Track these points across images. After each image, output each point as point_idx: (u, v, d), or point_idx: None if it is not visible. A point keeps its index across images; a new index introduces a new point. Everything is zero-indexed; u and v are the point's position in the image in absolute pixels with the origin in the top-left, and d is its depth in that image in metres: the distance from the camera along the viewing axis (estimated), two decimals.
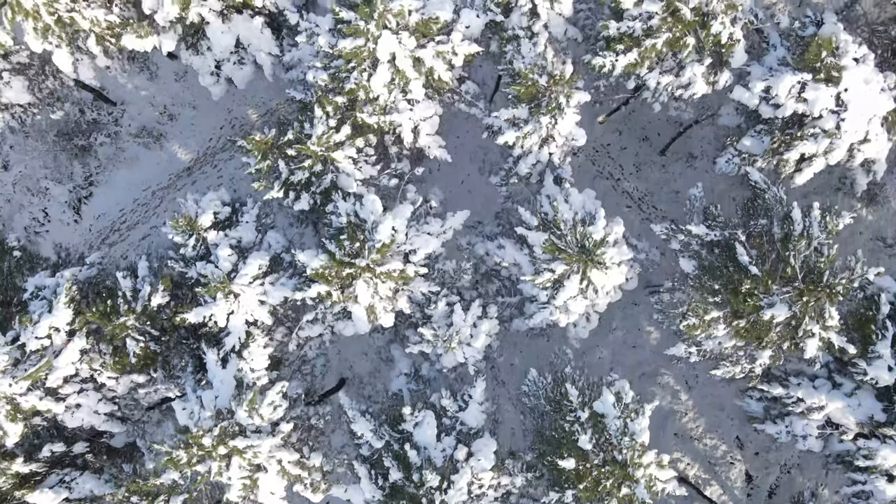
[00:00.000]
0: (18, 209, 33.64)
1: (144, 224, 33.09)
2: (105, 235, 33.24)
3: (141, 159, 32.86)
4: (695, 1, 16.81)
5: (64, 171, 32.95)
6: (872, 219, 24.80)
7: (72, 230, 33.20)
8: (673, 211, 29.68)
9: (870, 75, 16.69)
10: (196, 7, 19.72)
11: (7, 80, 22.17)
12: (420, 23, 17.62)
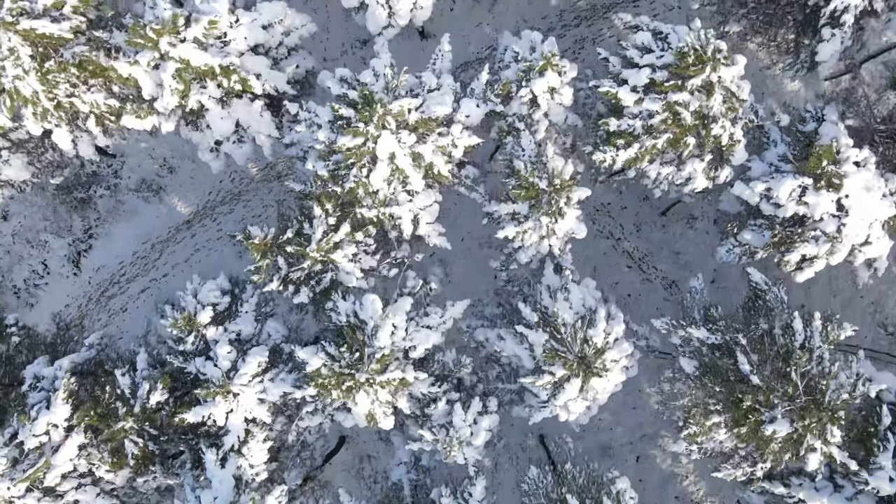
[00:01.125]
0: (18, 261, 33.59)
1: (144, 277, 33.05)
2: (104, 288, 33.19)
3: (140, 212, 32.82)
4: (695, 104, 16.76)
5: (63, 224, 32.90)
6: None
7: (71, 283, 33.15)
8: (673, 272, 29.65)
9: (871, 181, 16.65)
10: (195, 95, 19.67)
11: (6, 159, 22.11)
12: (420, 121, 17.57)
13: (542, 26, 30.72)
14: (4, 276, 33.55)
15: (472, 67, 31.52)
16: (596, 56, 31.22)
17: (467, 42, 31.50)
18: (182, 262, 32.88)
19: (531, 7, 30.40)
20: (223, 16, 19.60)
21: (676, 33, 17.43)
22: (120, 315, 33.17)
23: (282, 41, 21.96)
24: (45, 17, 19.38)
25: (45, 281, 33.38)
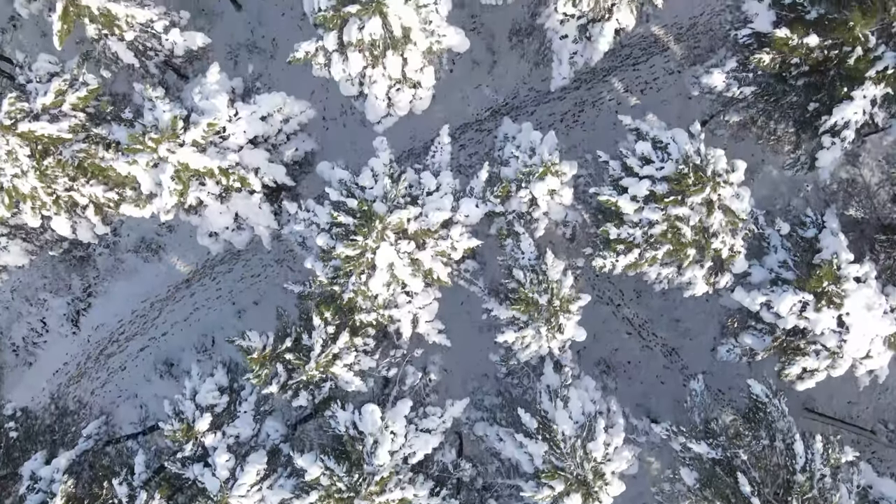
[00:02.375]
0: (17, 318, 33.55)
1: (143, 335, 33.00)
2: (103, 346, 33.15)
3: (140, 271, 32.74)
4: (695, 219, 16.73)
5: (62, 282, 32.85)
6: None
7: (70, 341, 33.11)
8: (673, 339, 29.60)
9: (872, 298, 16.63)
10: (194, 192, 19.64)
11: (4, 245, 22.05)
12: (419, 231, 17.54)
13: (542, 88, 30.68)
14: (3, 333, 33.52)
15: (472, 128, 31.51)
16: (594, 120, 31.37)
17: (467, 104, 31.47)
18: (181, 320, 32.84)
19: (531, 71, 30.35)
20: (222, 112, 19.56)
21: (676, 143, 17.38)
22: (119, 374, 33.14)
23: (281, 128, 21.93)
24: (45, 116, 19.38)
25: (43, 339, 33.36)
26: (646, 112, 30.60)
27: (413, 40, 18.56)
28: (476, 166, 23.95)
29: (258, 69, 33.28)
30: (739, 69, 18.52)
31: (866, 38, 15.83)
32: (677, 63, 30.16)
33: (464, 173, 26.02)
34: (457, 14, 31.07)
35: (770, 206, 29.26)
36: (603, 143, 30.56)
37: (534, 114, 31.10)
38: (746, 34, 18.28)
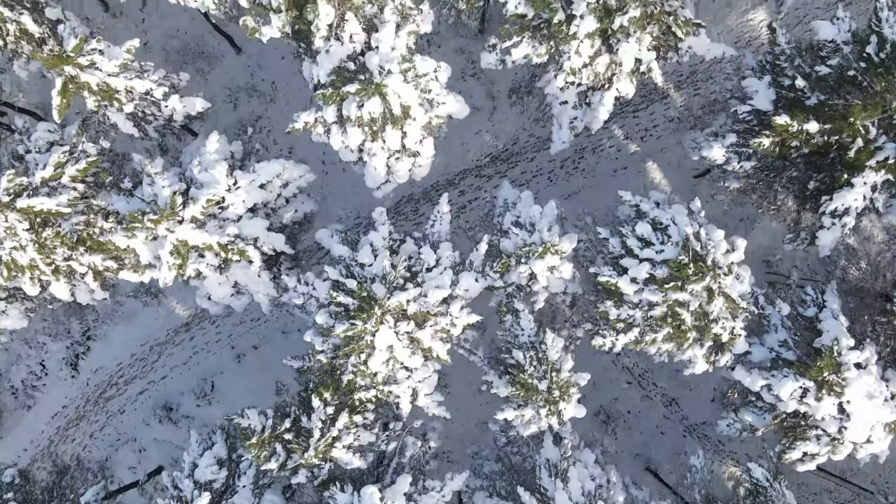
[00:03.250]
0: (16, 360, 33.50)
1: (142, 379, 32.97)
2: (103, 390, 33.10)
3: (139, 315, 32.69)
4: (695, 304, 16.70)
5: (61, 326, 32.78)
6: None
7: (69, 385, 33.06)
8: (673, 389, 29.56)
9: (873, 386, 16.59)
10: (193, 264, 19.60)
11: (3, 309, 22.02)
12: (419, 313, 17.50)
13: (542, 135, 30.64)
14: (2, 376, 33.47)
15: (472, 174, 31.48)
16: (594, 167, 31.30)
17: (467, 149, 31.46)
18: (181, 364, 32.80)
19: (531, 119, 30.33)
20: (221, 184, 19.53)
21: (677, 224, 17.35)
22: (118, 417, 33.09)
23: (280, 193, 21.89)
24: (43, 189, 19.36)
25: (42, 382, 33.31)
26: (645, 160, 30.84)
27: (413, 116, 18.52)
28: (475, 226, 23.91)
29: (258, 111, 33.46)
30: (739, 144, 18.50)
31: (867, 129, 15.80)
32: (677, 110, 30.15)
33: (463, 234, 25.94)
34: (456, 60, 31.13)
35: (770, 256, 29.27)
36: (603, 190, 30.60)
37: (534, 160, 31.08)
38: (746, 111, 18.25)
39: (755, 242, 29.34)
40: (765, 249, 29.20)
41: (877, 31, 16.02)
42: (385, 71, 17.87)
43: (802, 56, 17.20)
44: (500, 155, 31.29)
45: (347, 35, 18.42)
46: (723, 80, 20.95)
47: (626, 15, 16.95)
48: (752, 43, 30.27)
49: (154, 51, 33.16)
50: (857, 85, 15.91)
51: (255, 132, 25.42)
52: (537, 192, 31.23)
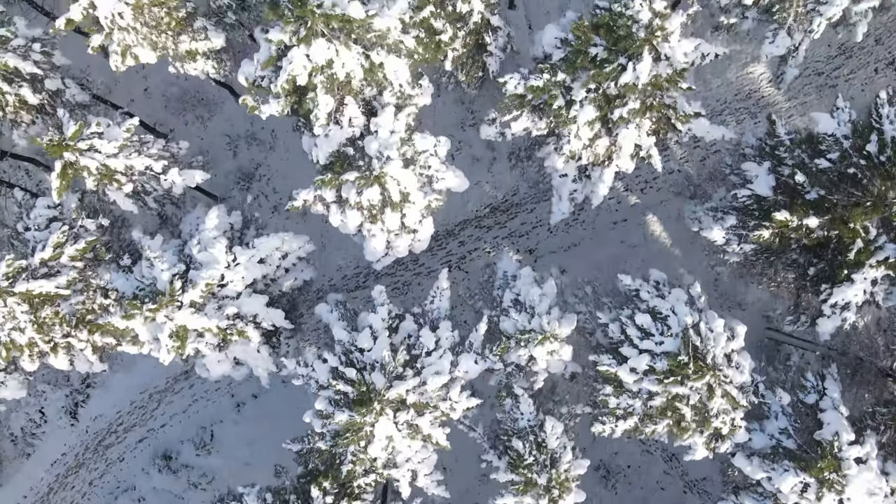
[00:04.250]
0: (15, 407, 33.43)
1: (142, 427, 32.95)
2: (102, 437, 33.08)
3: (138, 363, 32.61)
4: (695, 398, 16.67)
5: (61, 374, 32.73)
6: None
7: (68, 432, 33.03)
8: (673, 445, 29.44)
9: (873, 482, 16.54)
10: (192, 344, 19.58)
11: (1, 380, 22.01)
12: (418, 403, 17.48)
13: (542, 184, 30.61)
14: (2, 423, 33.44)
15: (472, 225, 31.45)
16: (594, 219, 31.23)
17: (466, 199, 31.37)
18: (180, 412, 32.78)
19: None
20: (220, 263, 19.51)
21: (676, 314, 17.32)
22: (117, 465, 33.07)
23: (279, 264, 21.87)
24: (42, 269, 19.35)
25: (42, 430, 33.28)
26: (645, 212, 30.78)
27: (412, 200, 18.50)
28: (475, 292, 23.87)
29: (257, 158, 33.43)
30: (739, 226, 18.47)
31: (866, 229, 15.78)
32: (677, 162, 30.13)
33: (463, 301, 25.86)
34: (455, 110, 31.14)
35: (770, 311, 29.20)
36: (604, 242, 30.58)
37: (533, 211, 31.03)
38: (746, 195, 18.23)
39: (755, 295, 29.30)
40: (764, 304, 29.15)
41: (877, 127, 15.99)
42: (384, 157, 17.85)
43: (802, 148, 17.18)
44: (500, 206, 31.26)
45: (347, 119, 18.42)
46: (723, 154, 20.92)
47: (626, 107, 16.93)
48: (752, 96, 30.28)
49: (154, 97, 33.18)
50: (857, 181, 15.89)
51: (254, 199, 25.46)
52: (537, 242, 31.29)
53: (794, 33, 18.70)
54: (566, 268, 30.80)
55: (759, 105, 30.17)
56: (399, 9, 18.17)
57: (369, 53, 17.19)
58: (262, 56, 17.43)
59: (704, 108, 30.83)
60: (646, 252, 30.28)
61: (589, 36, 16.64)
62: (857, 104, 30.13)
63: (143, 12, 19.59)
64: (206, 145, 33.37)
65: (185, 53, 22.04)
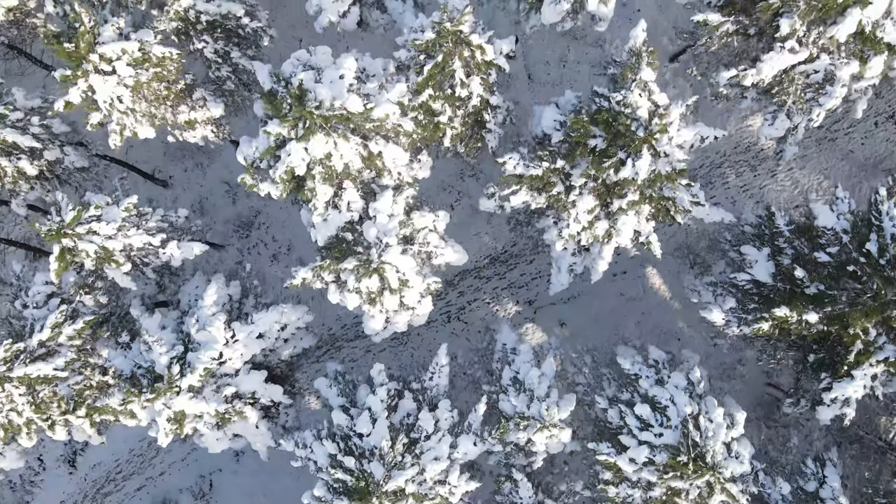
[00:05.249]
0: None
1: (140, 475, 32.87)
2: (100, 485, 33.00)
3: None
4: (694, 493, 16.63)
5: None
6: None
7: (66, 480, 32.95)
8: None
9: None
10: (190, 423, 19.54)
11: (0, 451, 21.95)
12: (417, 494, 17.43)
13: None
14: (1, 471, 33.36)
15: (471, 276, 31.39)
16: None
17: (465, 251, 31.31)
18: (179, 460, 32.68)
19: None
20: (219, 341, 19.48)
21: (676, 405, 17.28)
22: None
23: (278, 336, 21.84)
24: (40, 350, 19.31)
25: (40, 478, 33.20)
26: (644, 264, 30.68)
27: (410, 285, 18.47)
28: (475, 363, 23.84)
29: (257, 206, 33.38)
30: (739, 310, 18.45)
31: (866, 331, 15.76)
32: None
33: (461, 373, 25.79)
34: (454, 161, 31.09)
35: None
36: (603, 295, 30.49)
37: (533, 262, 30.98)
38: (746, 279, 18.20)
39: (754, 351, 29.26)
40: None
41: (876, 224, 15.96)
42: (382, 244, 17.83)
43: (801, 240, 17.16)
44: (499, 257, 31.23)
45: (345, 203, 18.39)
46: (722, 230, 20.91)
47: (625, 199, 16.91)
48: (751, 148, 30.26)
49: (153, 144, 33.10)
50: (857, 279, 15.86)
51: (252, 270, 25.38)
52: (536, 294, 31.21)
53: (794, 116, 18.67)
54: (566, 320, 30.80)
55: (758, 158, 30.14)
56: (398, 92, 18.17)
57: (368, 143, 17.16)
58: (261, 146, 17.39)
59: (704, 160, 31.05)
60: (645, 305, 30.24)
61: (588, 129, 16.62)
62: (857, 159, 30.26)
63: (142, 91, 19.58)
64: (205, 192, 33.37)
65: (184, 123, 22.02)
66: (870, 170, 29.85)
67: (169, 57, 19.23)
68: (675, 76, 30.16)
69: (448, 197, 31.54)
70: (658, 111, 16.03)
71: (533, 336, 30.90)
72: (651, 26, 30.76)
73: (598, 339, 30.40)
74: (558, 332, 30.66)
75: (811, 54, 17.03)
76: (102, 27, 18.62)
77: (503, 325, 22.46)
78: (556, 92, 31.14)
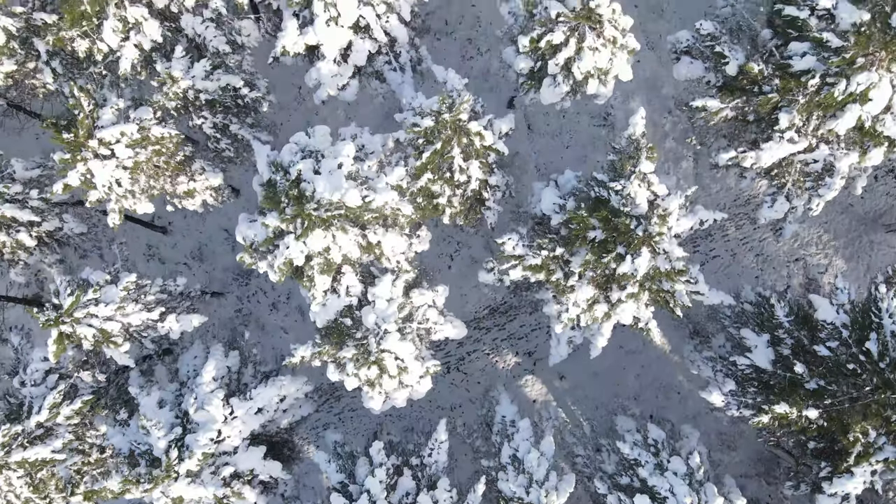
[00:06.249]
0: None
1: None
2: None
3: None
4: None
5: None
6: None
7: None
8: None
9: None
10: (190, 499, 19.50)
11: None
12: None
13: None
14: None
15: (470, 327, 31.32)
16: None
17: (465, 301, 31.30)
18: None
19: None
20: (218, 420, 19.45)
21: (675, 495, 17.24)
22: None
23: (277, 407, 21.81)
24: (38, 431, 19.29)
25: None
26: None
27: (409, 371, 18.44)
28: (474, 431, 23.78)
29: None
30: (738, 393, 18.42)
31: (866, 432, 15.73)
32: None
33: (461, 441, 25.74)
34: None
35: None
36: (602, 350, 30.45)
37: (532, 314, 30.95)
38: (746, 364, 18.17)
39: None
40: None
41: (877, 321, 15.92)
42: (381, 331, 17.80)
43: (801, 331, 17.14)
44: (499, 308, 31.18)
45: (344, 287, 18.36)
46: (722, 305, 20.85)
47: (624, 291, 16.88)
48: (751, 202, 30.22)
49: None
50: (858, 377, 15.83)
51: (251, 340, 25.37)
52: (536, 345, 31.15)
53: (793, 198, 18.65)
54: (565, 373, 30.75)
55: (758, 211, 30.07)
56: (397, 176, 18.15)
57: (366, 233, 17.14)
58: (259, 235, 17.37)
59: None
60: (644, 358, 30.20)
61: (587, 223, 16.60)
62: (857, 212, 30.19)
63: (141, 168, 19.59)
64: (204, 238, 33.33)
65: (183, 193, 22.02)
66: (869, 223, 29.82)
67: (168, 137, 19.23)
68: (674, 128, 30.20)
69: (447, 247, 31.50)
70: (657, 204, 16.00)
71: (532, 388, 30.88)
72: (651, 76, 30.93)
73: (598, 392, 30.35)
74: (558, 384, 30.62)
75: (810, 144, 17.01)
76: (101, 110, 18.62)
77: (503, 396, 22.44)
78: (556, 143, 31.15)
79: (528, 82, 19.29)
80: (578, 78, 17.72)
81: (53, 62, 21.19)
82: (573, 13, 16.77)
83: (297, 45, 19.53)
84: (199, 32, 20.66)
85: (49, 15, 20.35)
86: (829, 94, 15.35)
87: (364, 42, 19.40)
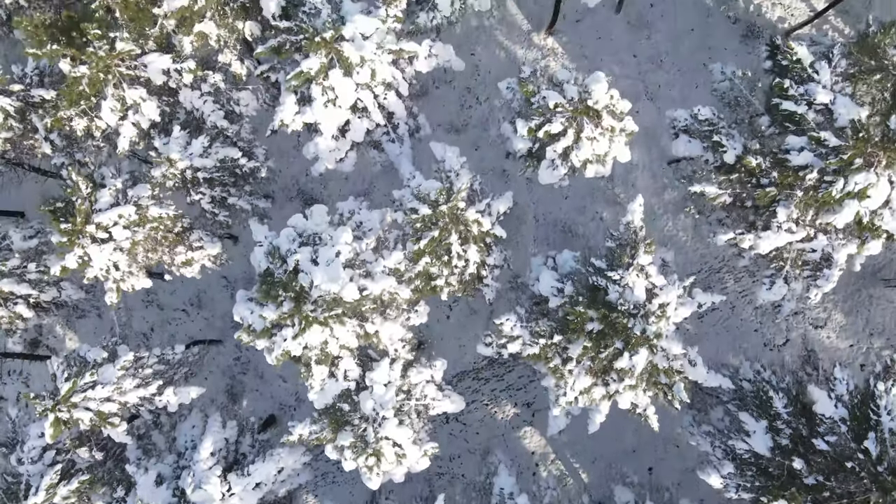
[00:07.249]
0: None
1: None
2: None
3: None
4: None
5: None
6: None
7: None
8: None
9: None
10: None
11: None
12: None
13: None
14: None
15: (469, 377, 31.32)
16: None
17: (464, 352, 31.28)
18: None
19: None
20: (216, 499, 19.42)
21: None
22: None
23: (275, 479, 21.77)
24: None
25: None
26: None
27: (407, 455, 18.42)
28: (472, 500, 23.75)
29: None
30: (737, 474, 18.38)
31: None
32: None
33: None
34: None
35: None
36: None
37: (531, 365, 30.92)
38: (745, 449, 18.14)
39: None
40: None
41: (875, 419, 15.89)
42: (379, 418, 17.78)
43: (800, 422, 17.10)
44: (498, 358, 31.08)
45: (342, 372, 18.34)
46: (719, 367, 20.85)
47: (623, 383, 16.87)
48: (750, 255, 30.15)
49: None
50: (856, 475, 15.80)
51: (248, 406, 25.43)
52: (534, 396, 31.12)
53: (791, 281, 18.65)
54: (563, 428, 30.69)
55: (756, 263, 30.03)
56: (395, 260, 18.15)
57: (364, 324, 17.12)
58: (257, 325, 17.35)
59: (702, 265, 30.94)
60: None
61: (585, 316, 16.59)
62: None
63: (139, 245, 19.59)
64: (203, 285, 33.29)
65: (181, 263, 22.01)
66: (868, 278, 29.75)
67: (166, 216, 19.22)
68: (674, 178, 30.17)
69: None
70: (655, 293, 15.98)
71: (531, 440, 30.85)
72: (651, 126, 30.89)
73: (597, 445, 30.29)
74: (556, 437, 30.57)
75: (808, 234, 17.01)
76: (100, 192, 18.63)
77: (500, 468, 22.41)
78: (555, 194, 31.07)
79: (527, 162, 19.28)
80: (577, 165, 17.71)
81: (52, 135, 21.19)
82: (571, 105, 16.77)
83: (295, 123, 19.53)
84: (196, 107, 20.66)
85: (47, 91, 20.36)
86: (827, 193, 15.34)
87: (362, 122, 19.39)
